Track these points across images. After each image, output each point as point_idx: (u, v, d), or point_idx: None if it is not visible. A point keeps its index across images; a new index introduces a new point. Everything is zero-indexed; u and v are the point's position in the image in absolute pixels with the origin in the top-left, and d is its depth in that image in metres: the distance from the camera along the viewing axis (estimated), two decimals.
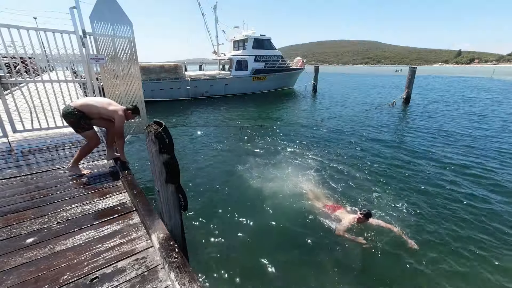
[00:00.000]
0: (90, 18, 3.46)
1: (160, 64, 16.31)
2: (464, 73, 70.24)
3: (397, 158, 6.42)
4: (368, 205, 4.21)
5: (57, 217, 1.93)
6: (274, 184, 4.98)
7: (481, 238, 3.57)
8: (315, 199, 4.32)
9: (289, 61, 22.71)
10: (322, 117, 11.72)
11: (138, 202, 2.03)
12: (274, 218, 4.04)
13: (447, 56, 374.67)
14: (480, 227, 3.80)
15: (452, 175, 5.40)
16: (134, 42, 3.97)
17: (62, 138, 3.78)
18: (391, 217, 3.93)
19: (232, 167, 5.87)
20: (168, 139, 1.59)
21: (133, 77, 4.10)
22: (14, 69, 3.52)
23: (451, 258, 3.20)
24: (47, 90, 3.79)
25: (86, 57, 3.72)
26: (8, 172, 2.65)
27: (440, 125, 10.08)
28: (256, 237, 3.61)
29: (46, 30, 3.43)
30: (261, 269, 3.07)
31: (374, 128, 9.64)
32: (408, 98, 15.02)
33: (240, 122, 10.72)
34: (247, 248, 3.42)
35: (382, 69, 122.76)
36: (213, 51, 21.85)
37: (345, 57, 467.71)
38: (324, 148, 7.21)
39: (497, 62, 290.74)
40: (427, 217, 3.96)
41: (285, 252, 3.35)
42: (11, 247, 1.61)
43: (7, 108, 3.54)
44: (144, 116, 4.37)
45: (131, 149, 7.10)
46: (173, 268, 1.39)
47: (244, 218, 4.00)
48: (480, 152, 6.94)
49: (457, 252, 3.32)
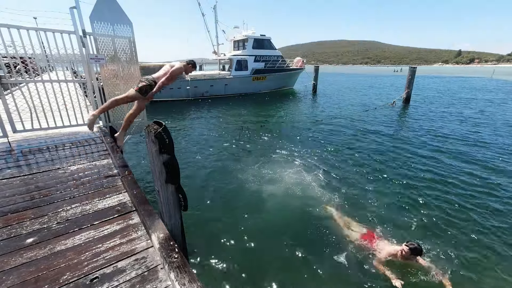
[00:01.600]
0: (90, 18, 3.46)
1: (160, 64, 16.30)
2: (464, 73, 70.23)
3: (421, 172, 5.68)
4: (415, 238, 3.45)
5: (57, 217, 1.93)
6: (274, 185, 4.98)
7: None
8: (345, 226, 3.70)
9: (289, 61, 22.71)
10: (322, 117, 11.72)
11: (138, 202, 2.03)
12: (274, 219, 4.05)
13: (447, 56, 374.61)
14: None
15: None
16: (134, 42, 3.97)
17: (62, 138, 3.78)
18: (445, 261, 3.09)
19: (232, 167, 5.88)
20: (168, 139, 1.59)
21: (133, 77, 4.10)
22: (14, 69, 3.52)
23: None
24: (47, 90, 3.79)
25: (86, 57, 3.72)
26: (8, 172, 2.65)
27: (446, 125, 10.08)
28: (256, 237, 3.61)
29: (46, 30, 3.43)
30: (261, 269, 3.07)
31: (384, 127, 9.61)
32: (408, 98, 15.03)
33: (240, 122, 10.72)
34: (247, 248, 3.42)
35: (381, 69, 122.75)
36: (213, 51, 21.85)
37: (345, 57, 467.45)
38: (327, 149, 7.20)
39: (497, 62, 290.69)
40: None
41: (285, 252, 3.35)
42: (11, 247, 1.61)
43: (7, 108, 3.54)
44: (144, 116, 4.37)
45: (132, 149, 7.10)
46: (173, 268, 1.39)
47: (244, 218, 4.00)
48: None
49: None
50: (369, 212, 4.15)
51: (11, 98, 3.56)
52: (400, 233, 3.64)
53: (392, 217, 4.04)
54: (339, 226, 3.75)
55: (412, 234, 3.67)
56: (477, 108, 14.05)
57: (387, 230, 3.67)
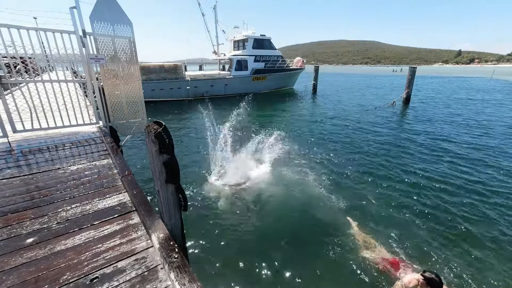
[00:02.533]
0: (90, 18, 3.46)
1: (160, 64, 16.30)
2: (464, 73, 70.19)
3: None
4: (433, 266, 3.16)
5: (57, 217, 1.93)
6: (275, 186, 4.98)
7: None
8: (366, 248, 3.42)
9: (289, 61, 22.71)
10: (322, 117, 11.72)
11: (138, 202, 2.03)
12: (274, 219, 4.05)
13: (447, 56, 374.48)
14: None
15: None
16: (134, 42, 3.96)
17: (62, 138, 3.78)
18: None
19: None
20: (168, 139, 1.59)
21: (133, 77, 4.10)
22: (14, 69, 3.52)
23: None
24: (47, 90, 3.78)
25: (86, 57, 3.72)
26: (8, 172, 2.65)
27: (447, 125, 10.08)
28: (256, 237, 3.61)
29: (46, 30, 3.42)
30: (261, 269, 3.07)
31: (384, 127, 9.61)
32: (408, 98, 15.04)
33: (240, 122, 10.71)
34: (247, 248, 3.42)
35: (381, 69, 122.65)
36: (213, 51, 21.85)
37: (345, 57, 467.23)
38: (327, 149, 7.20)
39: (497, 62, 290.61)
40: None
41: (285, 254, 3.34)
42: (11, 247, 1.61)
43: (7, 108, 3.54)
44: (144, 116, 4.36)
45: (132, 149, 7.10)
46: (173, 268, 1.39)
47: (244, 219, 4.00)
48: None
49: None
50: (377, 224, 3.95)
51: (11, 98, 3.56)
52: (422, 254, 3.32)
53: (408, 235, 3.71)
54: (356, 242, 3.51)
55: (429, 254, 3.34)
56: (477, 108, 14.05)
57: (407, 252, 3.39)
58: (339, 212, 4.15)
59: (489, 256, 3.38)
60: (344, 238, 3.56)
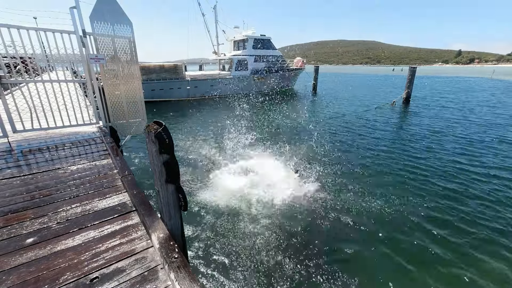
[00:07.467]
0: (90, 18, 3.46)
1: (160, 64, 16.30)
2: (464, 73, 70.19)
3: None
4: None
5: (57, 217, 1.93)
6: (275, 187, 4.98)
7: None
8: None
9: (289, 61, 22.72)
10: (322, 117, 11.72)
11: (138, 202, 2.03)
12: (275, 219, 4.04)
13: (447, 56, 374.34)
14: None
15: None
16: (134, 42, 3.96)
17: (62, 138, 3.78)
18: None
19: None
20: (168, 139, 1.58)
21: (133, 77, 4.10)
22: (14, 69, 3.52)
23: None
24: (47, 90, 3.78)
25: (86, 57, 3.72)
26: (8, 172, 2.65)
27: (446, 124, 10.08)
28: (256, 237, 3.61)
29: (46, 30, 3.42)
30: (261, 269, 3.07)
31: (385, 128, 9.61)
32: (408, 98, 15.04)
33: (239, 122, 10.72)
34: (247, 248, 3.42)
35: (381, 69, 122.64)
36: (213, 51, 21.86)
37: (345, 57, 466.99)
38: (327, 150, 7.20)
39: (497, 62, 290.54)
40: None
41: (285, 254, 3.34)
42: (11, 247, 1.61)
43: (7, 108, 3.54)
44: (144, 116, 4.36)
45: (132, 149, 7.10)
46: (173, 268, 1.39)
47: (244, 219, 4.00)
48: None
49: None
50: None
51: (11, 98, 3.56)
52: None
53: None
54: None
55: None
56: (477, 108, 14.05)
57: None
58: (340, 214, 4.15)
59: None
60: (344, 244, 3.57)
